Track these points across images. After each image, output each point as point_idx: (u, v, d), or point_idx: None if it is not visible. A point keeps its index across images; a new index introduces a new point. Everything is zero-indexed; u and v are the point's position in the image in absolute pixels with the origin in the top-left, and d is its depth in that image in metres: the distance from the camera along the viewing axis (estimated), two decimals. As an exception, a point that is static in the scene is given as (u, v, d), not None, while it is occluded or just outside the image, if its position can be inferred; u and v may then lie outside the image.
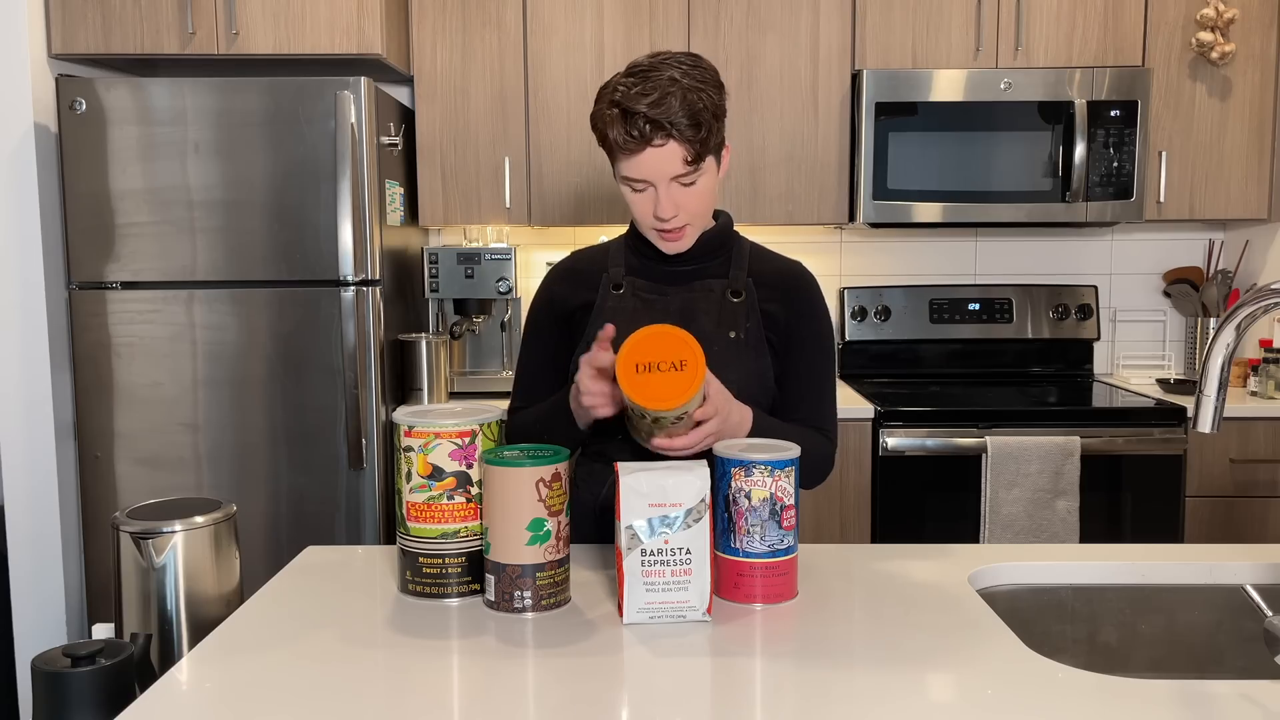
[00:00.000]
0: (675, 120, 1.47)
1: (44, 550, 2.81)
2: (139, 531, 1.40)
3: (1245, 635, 1.49)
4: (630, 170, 1.53)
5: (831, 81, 3.17)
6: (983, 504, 2.86)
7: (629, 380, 1.32)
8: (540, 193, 3.19)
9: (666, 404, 1.31)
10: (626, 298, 1.65)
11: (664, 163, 1.51)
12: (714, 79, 1.54)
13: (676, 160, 1.51)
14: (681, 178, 1.53)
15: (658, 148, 1.50)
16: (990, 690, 1.09)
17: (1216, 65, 3.15)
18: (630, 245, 1.70)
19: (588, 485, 1.66)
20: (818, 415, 1.67)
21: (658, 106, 1.47)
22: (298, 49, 2.87)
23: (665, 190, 1.53)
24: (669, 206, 1.54)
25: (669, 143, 1.49)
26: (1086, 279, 3.56)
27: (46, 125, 2.78)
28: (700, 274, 1.66)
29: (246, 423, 2.79)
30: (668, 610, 1.27)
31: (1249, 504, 2.97)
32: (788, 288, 1.67)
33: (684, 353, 1.33)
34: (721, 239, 1.67)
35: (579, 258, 1.74)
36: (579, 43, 3.15)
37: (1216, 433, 1.52)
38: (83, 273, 2.77)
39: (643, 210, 1.57)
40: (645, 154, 1.51)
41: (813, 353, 1.67)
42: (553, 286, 1.72)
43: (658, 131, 1.48)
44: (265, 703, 1.07)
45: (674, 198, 1.54)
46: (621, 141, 1.51)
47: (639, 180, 1.54)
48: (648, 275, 1.67)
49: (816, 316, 1.67)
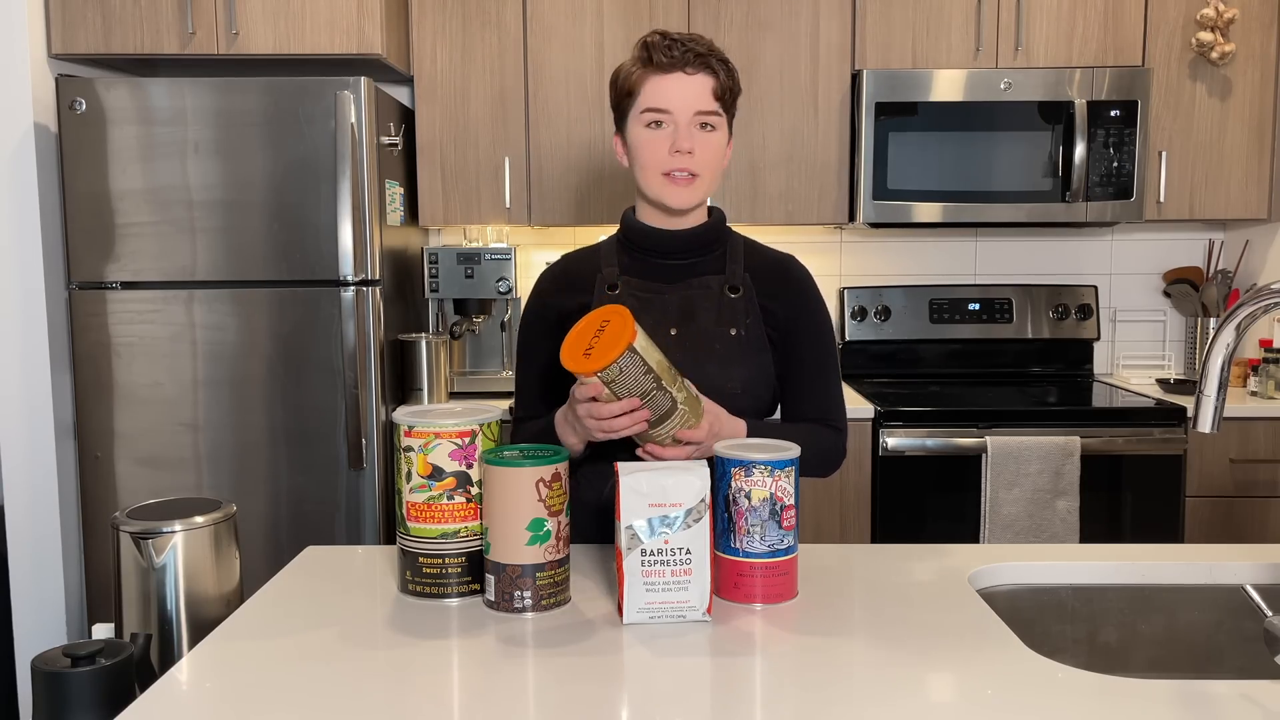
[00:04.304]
0: (709, 57, 1.56)
1: (44, 550, 2.81)
2: (139, 531, 1.40)
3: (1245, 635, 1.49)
4: (655, 98, 1.56)
5: (831, 81, 3.17)
6: (983, 504, 2.86)
7: (575, 364, 1.37)
8: (540, 193, 3.19)
9: (604, 359, 1.34)
10: (623, 297, 1.64)
11: (692, 92, 1.55)
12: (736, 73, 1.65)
13: (706, 93, 1.56)
14: (705, 116, 1.56)
15: (688, 75, 1.55)
16: (990, 690, 1.09)
17: (1216, 65, 3.15)
18: (623, 243, 1.69)
19: (590, 483, 1.65)
20: (824, 406, 1.67)
21: (693, 42, 1.56)
22: (298, 49, 2.87)
23: (687, 125, 1.56)
24: (687, 139, 1.55)
25: (700, 74, 1.55)
26: (1086, 279, 3.56)
27: (46, 125, 2.78)
28: (696, 270, 1.66)
29: (246, 423, 2.79)
30: (668, 610, 1.27)
31: (1249, 504, 2.97)
32: (783, 281, 1.67)
33: (607, 314, 1.40)
34: (716, 233, 1.67)
35: (570, 260, 1.73)
36: (579, 43, 3.15)
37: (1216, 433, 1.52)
38: (83, 273, 2.77)
39: (656, 151, 1.57)
40: (675, 77, 1.55)
41: (814, 344, 1.67)
42: (545, 295, 1.71)
43: (693, 58, 1.55)
44: (265, 703, 1.07)
45: (694, 136, 1.57)
46: (659, 59, 1.55)
47: (662, 110, 1.56)
48: (643, 273, 1.66)
49: (814, 308, 1.68)
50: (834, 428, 1.68)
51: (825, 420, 1.67)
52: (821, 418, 1.67)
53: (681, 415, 1.43)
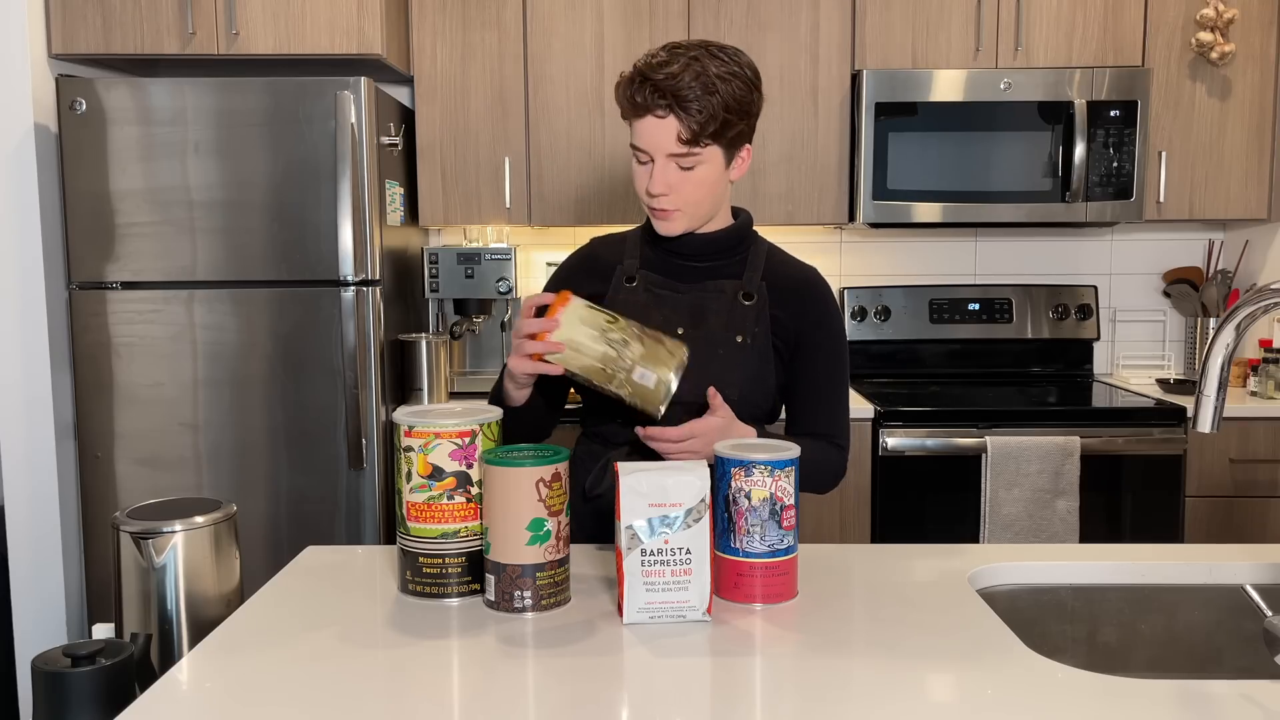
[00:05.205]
0: (681, 95, 1.48)
1: (44, 550, 2.81)
2: (139, 531, 1.40)
3: (1245, 635, 1.49)
4: (635, 137, 1.56)
5: (831, 81, 3.17)
6: (983, 504, 2.86)
7: None
8: (540, 193, 3.19)
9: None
10: (638, 291, 1.65)
11: (661, 136, 1.52)
12: (750, 76, 1.54)
13: (672, 136, 1.52)
14: (679, 158, 1.53)
15: (658, 119, 1.51)
16: (990, 690, 1.09)
17: (1216, 65, 3.15)
18: (646, 237, 1.69)
19: (583, 465, 1.66)
20: (830, 424, 1.66)
21: (670, 79, 1.48)
22: (298, 49, 2.86)
23: (661, 166, 1.54)
24: (660, 183, 1.55)
25: (669, 116, 1.50)
26: (1086, 279, 3.56)
27: (46, 125, 2.78)
28: (714, 273, 1.66)
29: (246, 423, 2.79)
30: (668, 610, 1.27)
31: (1249, 504, 2.97)
32: (801, 295, 1.66)
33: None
34: (739, 238, 1.67)
35: (597, 245, 1.75)
36: (579, 43, 3.15)
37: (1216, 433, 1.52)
38: (83, 273, 2.77)
39: (639, 182, 1.59)
40: (645, 122, 1.53)
41: (826, 361, 1.66)
42: (566, 274, 1.74)
43: (659, 102, 1.50)
44: (265, 703, 1.07)
45: (668, 177, 1.55)
46: (626, 104, 1.54)
47: (641, 150, 1.56)
48: (662, 269, 1.66)
49: (830, 325, 1.66)
50: (837, 445, 1.67)
51: (829, 437, 1.66)
52: (825, 434, 1.66)
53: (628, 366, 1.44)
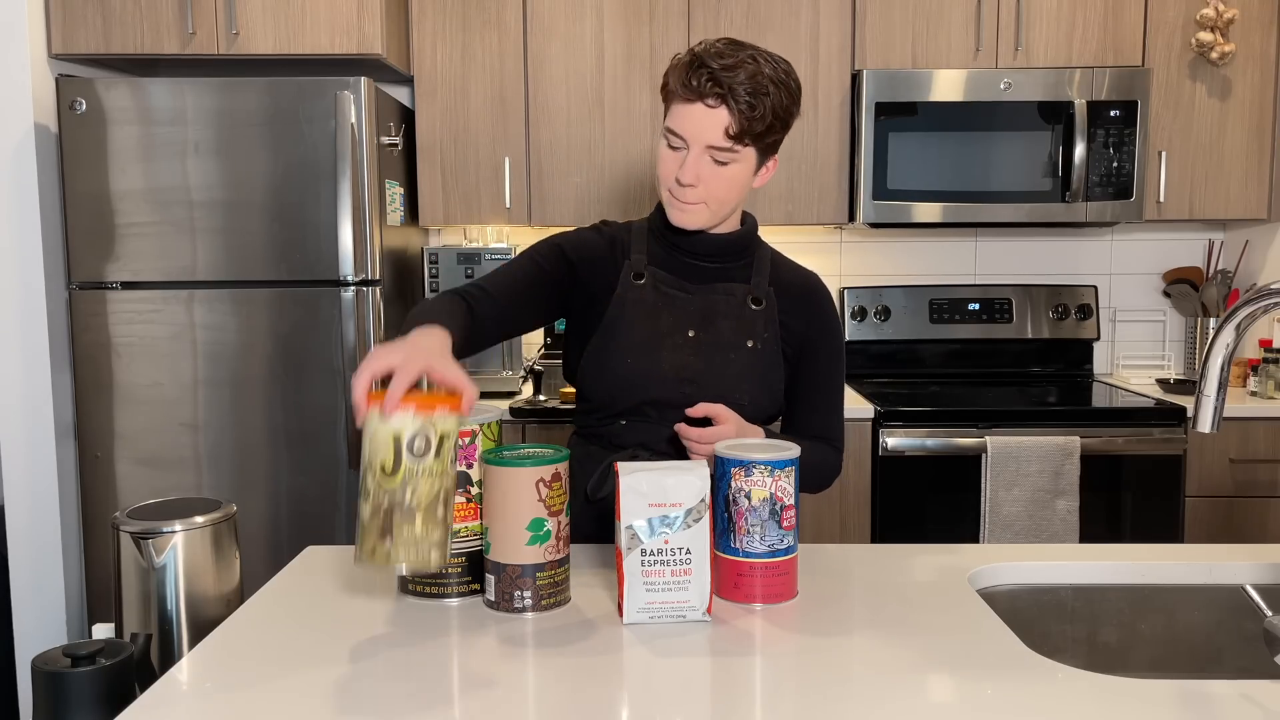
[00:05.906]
0: (736, 89, 1.48)
1: (44, 550, 2.81)
2: (139, 531, 1.40)
3: (1245, 635, 1.49)
4: (675, 121, 1.53)
5: (831, 81, 3.17)
6: (983, 504, 2.86)
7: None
8: (540, 193, 3.19)
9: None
10: (648, 289, 1.64)
11: (708, 126, 1.50)
12: (795, 89, 1.55)
13: (720, 128, 1.50)
14: (717, 151, 1.52)
15: (709, 108, 1.50)
16: (990, 690, 1.09)
17: (1216, 65, 3.15)
18: (654, 231, 1.68)
19: (583, 467, 1.65)
20: (828, 427, 1.69)
21: (728, 71, 1.48)
22: (298, 49, 2.86)
23: (696, 156, 1.52)
24: (690, 172, 1.53)
25: (721, 108, 1.49)
26: (1086, 279, 3.56)
27: (46, 125, 2.78)
28: (723, 275, 1.65)
29: (246, 423, 2.79)
30: (668, 610, 1.27)
31: (1249, 504, 2.97)
32: (805, 300, 1.67)
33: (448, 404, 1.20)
34: (747, 242, 1.67)
35: (605, 230, 1.71)
36: (579, 43, 3.15)
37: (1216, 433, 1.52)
38: (83, 273, 2.77)
39: (667, 168, 1.56)
40: (694, 108, 1.51)
41: (827, 366, 1.68)
42: (581, 248, 1.67)
43: (714, 91, 1.49)
44: (265, 703, 1.07)
45: (700, 169, 1.53)
46: (679, 88, 1.51)
47: (679, 135, 1.53)
48: (670, 267, 1.66)
49: (832, 330, 1.69)
50: (834, 448, 1.70)
51: (826, 440, 1.69)
52: (823, 436, 1.68)
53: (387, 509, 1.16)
